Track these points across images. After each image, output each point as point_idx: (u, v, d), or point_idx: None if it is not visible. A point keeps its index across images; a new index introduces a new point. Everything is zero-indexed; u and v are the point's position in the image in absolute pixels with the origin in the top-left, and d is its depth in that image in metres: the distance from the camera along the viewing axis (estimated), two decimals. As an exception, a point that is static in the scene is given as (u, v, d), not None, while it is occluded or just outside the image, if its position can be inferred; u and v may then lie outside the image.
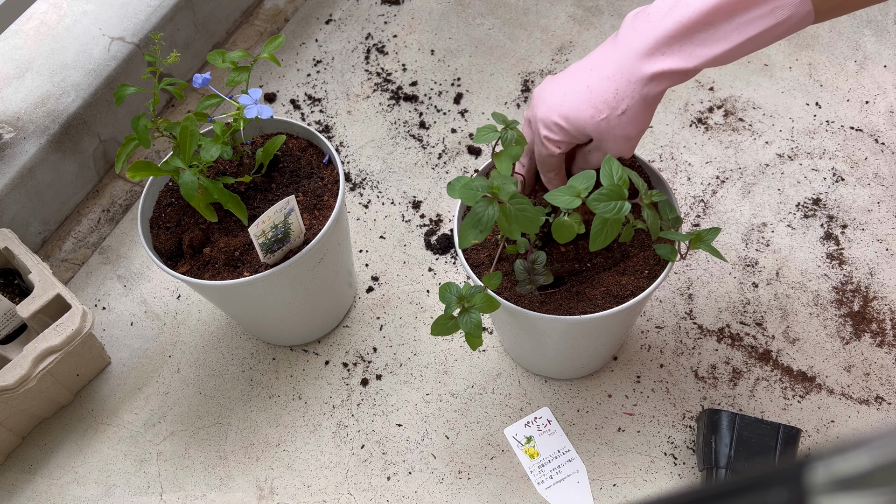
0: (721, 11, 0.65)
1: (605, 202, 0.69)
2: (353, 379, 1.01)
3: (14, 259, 0.98)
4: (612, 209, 0.69)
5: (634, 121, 0.71)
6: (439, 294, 0.74)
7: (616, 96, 0.70)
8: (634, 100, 0.70)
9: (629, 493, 0.91)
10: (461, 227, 0.71)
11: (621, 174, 0.70)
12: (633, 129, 0.72)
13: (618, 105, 0.70)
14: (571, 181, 0.72)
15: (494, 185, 0.70)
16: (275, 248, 0.83)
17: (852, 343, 0.99)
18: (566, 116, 0.72)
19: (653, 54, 0.68)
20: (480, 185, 0.71)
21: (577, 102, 0.71)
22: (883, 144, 1.14)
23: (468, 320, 0.73)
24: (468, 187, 0.71)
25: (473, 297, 0.74)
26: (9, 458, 0.99)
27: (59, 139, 1.11)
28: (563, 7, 1.33)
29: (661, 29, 0.67)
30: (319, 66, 1.30)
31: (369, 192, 1.16)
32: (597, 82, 0.71)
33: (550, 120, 0.73)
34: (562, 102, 0.72)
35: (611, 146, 0.73)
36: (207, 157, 0.81)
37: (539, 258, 0.77)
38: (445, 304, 0.74)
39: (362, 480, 0.94)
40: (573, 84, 0.72)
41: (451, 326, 0.73)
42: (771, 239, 1.07)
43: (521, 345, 0.94)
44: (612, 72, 0.70)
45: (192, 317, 1.07)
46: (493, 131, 0.77)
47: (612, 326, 0.86)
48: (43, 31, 1.20)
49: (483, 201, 0.70)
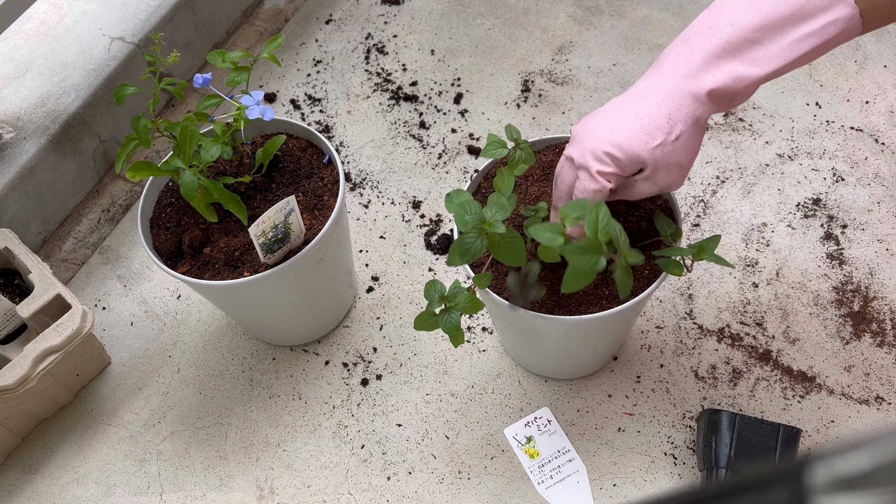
0: (770, 30, 0.64)
1: (581, 255, 0.65)
2: (353, 379, 1.01)
3: (14, 259, 0.98)
4: (587, 264, 0.65)
5: (687, 147, 0.69)
6: (424, 290, 0.76)
7: (669, 121, 0.67)
8: (687, 124, 0.68)
9: (629, 493, 0.91)
10: (451, 246, 0.72)
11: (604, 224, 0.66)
12: (686, 156, 0.69)
13: (671, 130, 0.68)
14: (563, 209, 0.69)
15: (487, 219, 0.71)
16: (275, 248, 0.83)
17: (852, 343, 0.99)
18: (619, 145, 0.68)
19: (700, 75, 0.66)
20: (474, 215, 0.71)
21: (630, 130, 0.68)
22: (883, 144, 1.14)
23: (447, 320, 0.74)
24: (463, 209, 0.72)
25: (456, 297, 0.75)
26: (9, 458, 0.99)
27: (59, 139, 1.11)
28: (563, 7, 1.33)
29: (708, 48, 0.66)
30: (319, 66, 1.30)
31: (369, 192, 1.16)
32: (647, 109, 0.68)
33: (602, 150, 0.69)
34: (612, 132, 0.68)
35: (662, 175, 0.70)
36: (207, 157, 0.81)
37: (532, 271, 0.75)
38: (428, 301, 0.75)
39: (362, 480, 0.94)
40: (620, 114, 0.69)
41: (433, 323, 0.75)
42: (771, 239, 1.07)
43: (520, 345, 0.94)
44: (662, 97, 0.68)
45: (192, 317, 1.07)
46: (502, 146, 0.77)
47: (612, 326, 0.86)
48: (43, 31, 1.20)
49: (474, 232, 0.71)
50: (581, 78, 1.25)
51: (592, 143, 0.69)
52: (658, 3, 1.33)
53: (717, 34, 0.66)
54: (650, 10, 1.32)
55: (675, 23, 1.30)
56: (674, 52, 0.69)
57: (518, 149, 0.76)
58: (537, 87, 1.24)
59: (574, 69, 1.26)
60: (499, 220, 0.71)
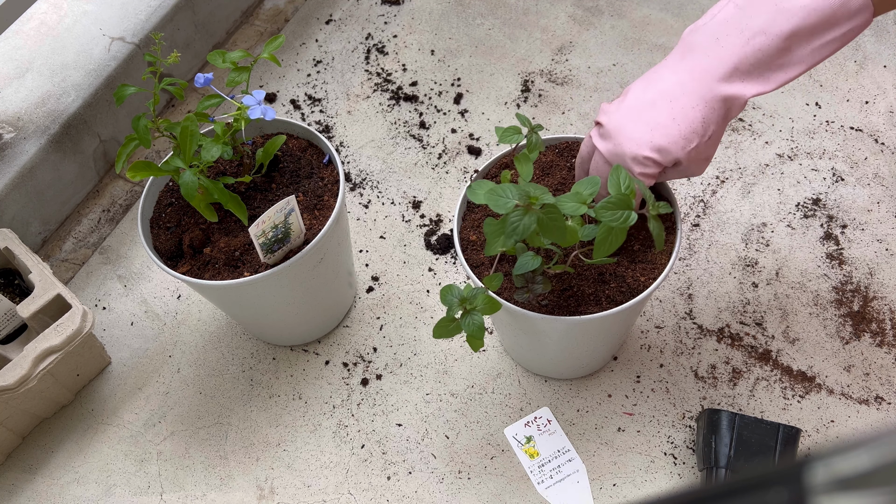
0: (799, 38, 0.68)
1: (612, 211, 0.68)
2: (353, 379, 1.01)
3: (14, 259, 0.98)
4: (619, 218, 0.68)
5: (715, 142, 0.74)
6: (441, 296, 0.73)
7: (703, 124, 0.72)
8: (718, 124, 0.72)
9: (629, 492, 0.91)
10: (488, 234, 0.69)
11: (629, 183, 0.69)
12: (713, 149, 0.75)
13: (705, 132, 0.72)
14: (576, 187, 0.71)
15: (532, 194, 0.67)
16: (275, 248, 0.83)
17: (852, 343, 0.99)
18: (658, 149, 0.72)
19: (731, 80, 0.71)
20: (511, 192, 0.68)
21: (669, 136, 0.72)
22: (883, 144, 1.14)
23: (471, 322, 0.72)
24: (496, 193, 0.68)
25: (475, 298, 0.73)
26: (9, 458, 0.99)
27: (59, 139, 1.11)
28: (563, 7, 1.34)
29: (740, 54, 0.70)
30: (319, 66, 1.30)
31: (369, 192, 1.16)
32: (682, 113, 0.72)
33: (642, 155, 0.73)
34: (651, 137, 0.72)
35: (693, 168, 0.76)
36: (208, 157, 0.81)
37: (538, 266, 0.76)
38: (447, 307, 0.73)
39: (362, 480, 0.94)
40: (657, 118, 0.73)
41: (454, 329, 0.73)
42: (771, 239, 1.07)
43: (521, 345, 0.94)
44: (696, 101, 0.72)
45: (193, 317, 1.07)
46: (517, 132, 0.77)
47: (613, 326, 0.86)
48: (43, 31, 1.20)
49: (519, 210, 0.67)
50: (581, 78, 1.25)
51: (632, 148, 0.73)
52: (658, 3, 1.33)
53: (749, 41, 0.69)
54: (650, 10, 1.32)
55: (675, 23, 1.30)
56: (702, 50, 0.71)
57: (533, 133, 0.77)
58: (537, 87, 1.24)
59: (574, 69, 1.26)
60: (546, 193, 0.68)
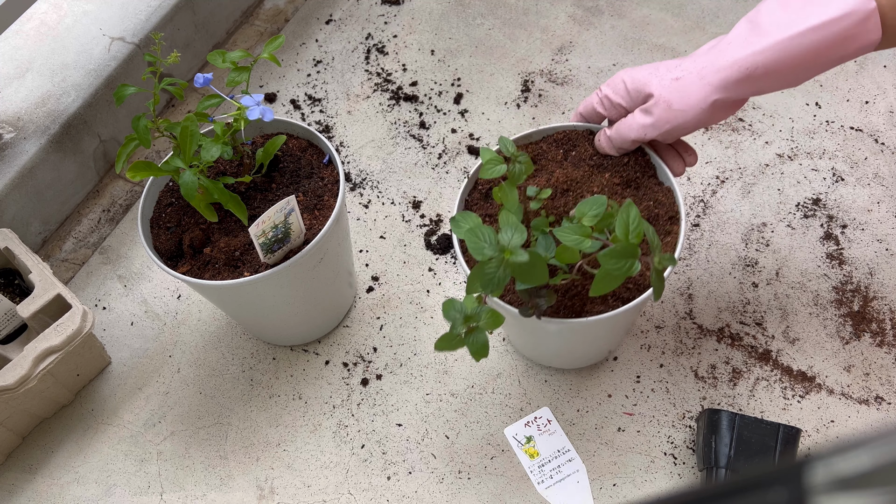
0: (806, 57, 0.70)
1: (616, 259, 0.65)
2: (354, 379, 1.01)
3: (14, 259, 0.98)
4: (622, 267, 0.65)
5: (686, 93, 0.78)
6: (443, 312, 0.70)
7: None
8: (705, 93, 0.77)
9: (629, 492, 0.91)
10: (469, 276, 0.69)
11: (638, 226, 0.66)
12: (682, 102, 0.78)
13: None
14: (580, 206, 0.70)
15: (506, 247, 0.67)
16: (275, 248, 0.83)
17: (852, 343, 0.99)
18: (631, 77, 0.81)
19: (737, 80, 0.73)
20: (490, 243, 0.67)
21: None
22: (883, 144, 1.14)
23: (475, 341, 0.70)
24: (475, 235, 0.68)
25: (480, 315, 0.70)
26: (9, 458, 0.99)
27: (59, 139, 1.11)
28: (563, 7, 1.34)
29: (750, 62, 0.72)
30: (319, 66, 1.30)
31: (369, 192, 1.16)
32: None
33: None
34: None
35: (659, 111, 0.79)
36: (208, 157, 0.81)
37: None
38: (450, 323, 0.70)
39: (362, 480, 0.94)
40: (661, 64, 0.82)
41: (457, 343, 0.70)
42: (771, 239, 1.07)
43: (521, 336, 0.95)
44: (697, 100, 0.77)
45: (193, 317, 1.07)
46: (499, 163, 0.76)
47: (615, 325, 0.86)
48: (43, 31, 1.20)
49: (494, 262, 0.67)
50: (581, 78, 1.25)
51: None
52: (658, 3, 1.33)
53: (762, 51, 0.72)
54: (650, 10, 1.32)
55: (674, 23, 1.30)
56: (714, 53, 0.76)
57: (517, 162, 0.75)
58: (537, 87, 1.24)
59: (574, 69, 1.26)
60: (518, 245, 0.67)
